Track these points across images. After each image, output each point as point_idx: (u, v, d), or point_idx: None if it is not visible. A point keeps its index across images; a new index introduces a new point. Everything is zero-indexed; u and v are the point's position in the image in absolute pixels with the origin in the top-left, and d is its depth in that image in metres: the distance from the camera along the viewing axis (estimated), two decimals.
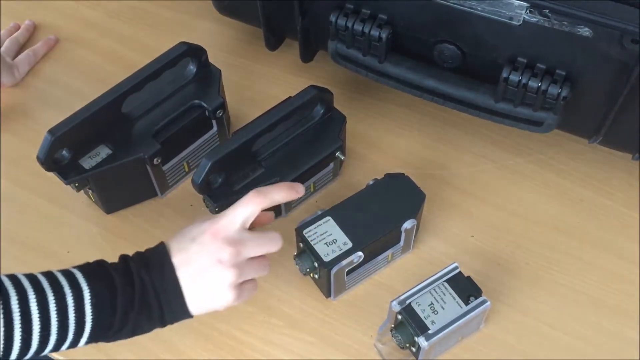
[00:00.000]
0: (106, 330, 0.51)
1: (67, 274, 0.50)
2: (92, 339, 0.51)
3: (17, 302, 0.47)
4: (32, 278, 0.49)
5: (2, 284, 0.48)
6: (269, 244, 0.55)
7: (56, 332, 0.48)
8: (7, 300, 0.47)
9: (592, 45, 0.57)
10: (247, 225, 0.55)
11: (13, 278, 0.48)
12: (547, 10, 0.57)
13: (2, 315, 0.46)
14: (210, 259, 0.53)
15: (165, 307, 0.52)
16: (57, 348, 0.50)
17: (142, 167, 0.68)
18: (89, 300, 0.49)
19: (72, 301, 0.49)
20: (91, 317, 0.50)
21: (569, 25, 0.57)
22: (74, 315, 0.49)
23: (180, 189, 0.74)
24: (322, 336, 0.64)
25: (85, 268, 0.52)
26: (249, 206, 0.54)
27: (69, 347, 0.50)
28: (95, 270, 0.52)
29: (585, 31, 0.57)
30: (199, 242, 0.53)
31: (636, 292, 0.66)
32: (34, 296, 0.48)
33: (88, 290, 0.50)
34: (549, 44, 0.59)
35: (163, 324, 0.53)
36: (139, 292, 0.51)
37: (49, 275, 0.50)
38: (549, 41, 0.59)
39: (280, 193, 0.56)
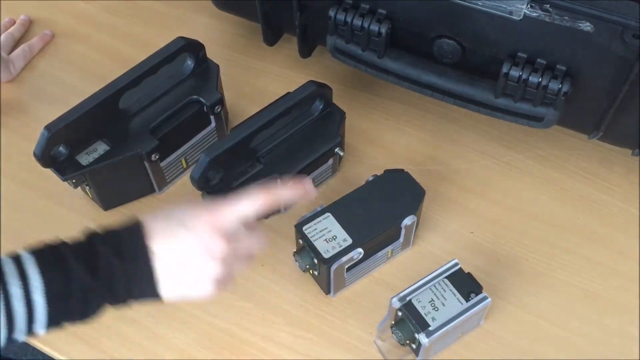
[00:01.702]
0: (66, 318, 0.48)
1: (17, 260, 0.47)
2: (52, 327, 0.48)
3: None
4: None
5: None
6: (257, 243, 0.54)
7: (5, 323, 0.45)
8: None
9: (593, 41, 0.57)
10: (244, 222, 0.52)
11: None
12: (548, 5, 0.57)
13: None
14: (200, 248, 0.50)
15: (135, 295, 0.49)
16: (8, 338, 0.46)
17: (140, 163, 0.67)
18: (41, 290, 0.46)
19: (19, 291, 0.45)
20: (45, 307, 0.46)
21: (570, 20, 0.56)
22: (22, 305, 0.45)
23: (178, 185, 0.73)
24: (322, 333, 0.64)
25: (39, 254, 0.47)
26: (254, 203, 0.52)
27: (28, 336, 0.47)
28: (49, 256, 0.48)
29: (586, 26, 0.56)
30: (191, 227, 0.50)
31: (636, 288, 0.66)
32: None
33: (39, 279, 0.46)
34: (549, 39, 0.59)
35: (127, 305, 0.50)
36: (106, 277, 0.48)
37: None
38: (550, 36, 0.59)
39: (288, 193, 0.53)
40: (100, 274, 0.48)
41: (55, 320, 0.48)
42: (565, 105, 0.62)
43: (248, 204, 0.52)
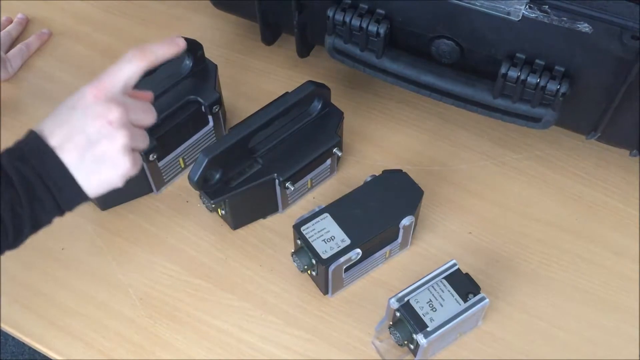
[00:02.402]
0: (3, 240, 0.48)
1: None
2: None
3: None
4: None
5: None
6: (148, 113, 0.52)
7: None
8: None
9: (592, 42, 0.57)
10: (129, 89, 0.51)
11: None
12: (547, 6, 0.57)
13: None
14: (99, 122, 0.48)
15: (57, 195, 0.48)
16: None
17: None
18: None
19: None
20: None
21: (569, 21, 0.56)
22: None
23: (176, 185, 0.73)
24: (320, 333, 0.64)
25: None
26: (132, 63, 0.51)
27: None
28: None
29: (584, 27, 0.56)
30: (81, 106, 0.48)
31: (634, 289, 0.66)
32: None
33: None
34: (548, 40, 0.59)
35: (61, 212, 0.50)
36: (22, 187, 0.47)
37: None
38: (548, 37, 0.59)
39: (162, 48, 0.53)
40: (14, 181, 0.47)
41: None
42: (564, 106, 0.62)
43: (126, 65, 0.51)
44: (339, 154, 0.69)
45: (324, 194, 0.72)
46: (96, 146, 0.49)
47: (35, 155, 0.48)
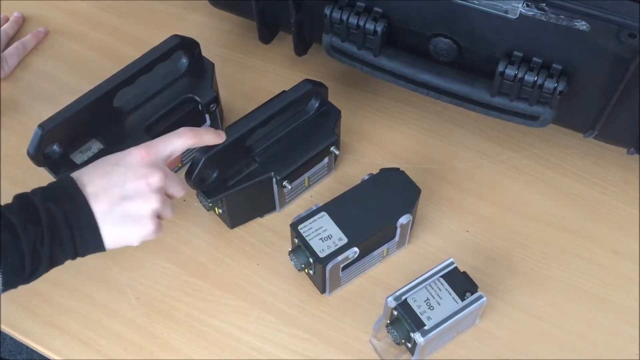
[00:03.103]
0: (20, 274, 0.49)
1: None
2: (8, 285, 0.49)
3: None
4: None
5: None
6: (181, 186, 0.55)
7: None
8: None
9: (589, 40, 0.57)
10: (170, 160, 0.55)
11: None
12: (544, 4, 0.56)
13: None
14: (139, 182, 0.51)
15: (78, 240, 0.50)
16: None
17: None
18: None
19: None
20: None
21: (566, 19, 0.56)
22: None
23: None
24: (317, 332, 0.64)
25: None
26: (181, 140, 0.54)
27: None
28: None
29: (582, 25, 0.56)
30: (125, 164, 0.51)
31: (633, 288, 0.66)
32: None
33: None
34: (545, 38, 0.59)
35: (75, 256, 0.51)
36: (49, 226, 0.48)
37: None
38: (546, 35, 0.58)
39: (207, 135, 0.57)
40: (42, 219, 0.48)
41: (9, 278, 0.48)
42: (561, 104, 0.62)
43: (177, 139, 0.54)
44: (337, 153, 0.69)
45: (321, 193, 0.71)
46: (129, 203, 0.51)
47: (69, 199, 0.49)
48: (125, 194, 0.50)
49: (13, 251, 0.47)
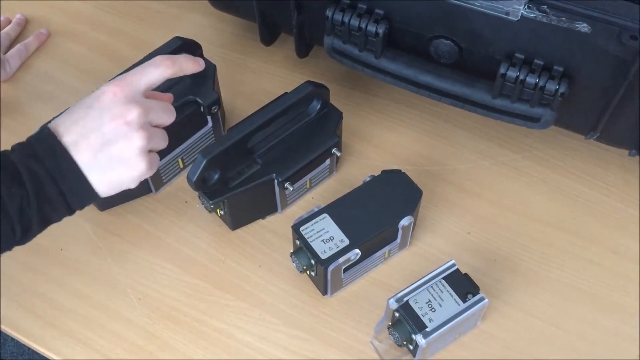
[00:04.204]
0: (10, 237, 0.47)
1: None
2: (1, 249, 0.47)
3: None
4: None
5: None
6: (168, 112, 0.52)
7: None
8: None
9: (590, 42, 0.57)
10: (149, 91, 0.51)
11: None
12: (545, 6, 0.57)
13: None
14: (116, 122, 0.47)
15: (68, 196, 0.48)
16: None
17: None
18: None
19: None
20: None
21: (567, 21, 0.56)
22: None
23: (174, 185, 0.73)
24: (319, 334, 0.64)
25: None
26: (159, 70, 0.51)
27: None
28: None
29: (583, 27, 0.56)
30: (98, 106, 0.47)
31: (633, 288, 0.66)
32: None
33: None
34: (546, 40, 0.59)
35: (71, 212, 0.49)
36: (32, 186, 0.46)
37: None
38: (547, 37, 0.59)
39: (187, 63, 0.54)
40: (24, 179, 0.46)
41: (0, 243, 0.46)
42: (562, 105, 0.62)
43: (153, 69, 0.51)
44: (338, 154, 0.69)
45: (323, 195, 0.72)
46: (112, 146, 0.48)
47: (49, 154, 0.47)
48: (105, 138, 0.47)
49: None
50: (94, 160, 0.47)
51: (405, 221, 0.62)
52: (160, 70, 0.51)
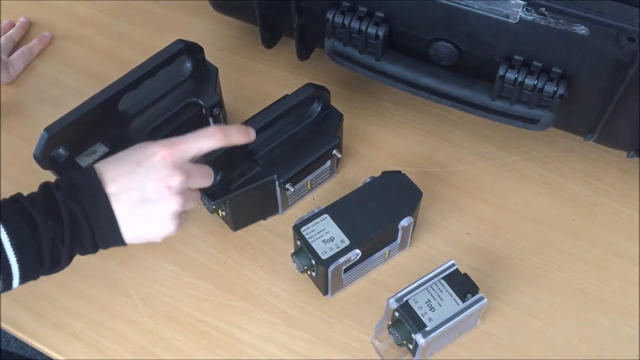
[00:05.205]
0: (38, 267, 0.49)
1: None
2: (26, 278, 0.49)
3: None
4: None
5: None
6: (207, 179, 0.55)
7: None
8: None
9: (589, 44, 0.58)
10: (196, 158, 0.54)
11: None
12: (544, 9, 0.57)
13: None
14: (159, 184, 0.50)
15: (99, 239, 0.50)
16: None
17: None
18: (8, 241, 0.46)
19: None
20: (15, 258, 0.47)
21: (566, 23, 0.57)
22: None
23: None
24: (319, 334, 0.64)
25: None
26: (210, 141, 0.53)
27: (3, 291, 0.49)
28: (7, 207, 0.48)
29: (581, 29, 0.57)
30: (147, 165, 0.50)
31: (633, 289, 0.66)
32: None
33: (4, 231, 0.46)
34: (545, 42, 0.59)
35: (96, 251, 0.52)
36: (69, 224, 0.48)
37: None
38: (546, 39, 0.59)
39: (237, 135, 0.56)
40: (63, 219, 0.48)
41: (28, 271, 0.48)
42: (561, 107, 0.62)
43: (204, 139, 0.53)
44: (339, 156, 0.70)
45: (323, 196, 0.72)
46: (149, 205, 0.50)
47: (91, 198, 0.49)
48: (146, 196, 0.50)
49: (31, 245, 0.47)
50: (130, 214, 0.50)
51: (405, 222, 0.63)
52: (211, 141, 0.53)
